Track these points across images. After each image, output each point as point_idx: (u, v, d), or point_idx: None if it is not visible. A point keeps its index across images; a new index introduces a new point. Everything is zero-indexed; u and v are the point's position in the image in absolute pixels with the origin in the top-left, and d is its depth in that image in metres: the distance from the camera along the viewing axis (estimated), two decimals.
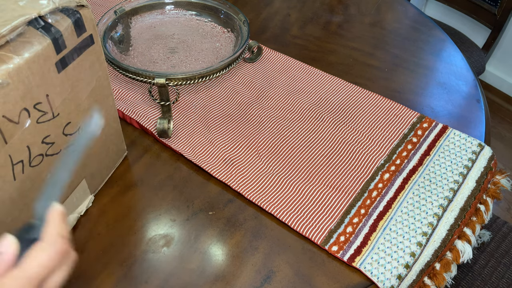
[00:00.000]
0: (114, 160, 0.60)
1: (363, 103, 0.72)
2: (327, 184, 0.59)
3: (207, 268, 0.51)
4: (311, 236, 0.54)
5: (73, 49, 0.44)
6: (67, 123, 0.46)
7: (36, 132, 0.42)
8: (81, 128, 0.48)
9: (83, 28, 0.44)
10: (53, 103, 0.43)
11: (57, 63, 0.42)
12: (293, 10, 0.95)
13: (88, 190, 0.55)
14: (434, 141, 0.65)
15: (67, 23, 0.42)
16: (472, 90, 0.76)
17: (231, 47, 0.76)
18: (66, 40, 0.42)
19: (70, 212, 0.53)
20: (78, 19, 0.43)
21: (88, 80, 0.48)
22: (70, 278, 0.49)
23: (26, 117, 0.40)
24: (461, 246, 0.56)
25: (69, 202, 0.51)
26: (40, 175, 0.45)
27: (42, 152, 0.44)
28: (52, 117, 0.43)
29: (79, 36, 0.44)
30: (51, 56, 0.41)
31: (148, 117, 0.67)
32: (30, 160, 0.42)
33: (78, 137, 0.41)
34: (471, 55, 1.34)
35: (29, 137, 0.41)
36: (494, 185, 0.62)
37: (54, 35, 0.40)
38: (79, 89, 0.47)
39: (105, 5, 0.92)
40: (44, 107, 0.42)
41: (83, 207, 0.55)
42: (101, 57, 0.49)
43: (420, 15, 0.95)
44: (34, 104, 0.40)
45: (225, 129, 0.67)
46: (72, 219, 0.53)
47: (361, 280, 0.50)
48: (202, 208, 0.57)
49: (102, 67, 0.50)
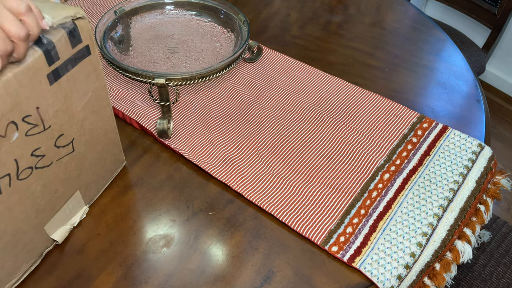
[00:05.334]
0: (112, 170, 0.59)
1: (363, 103, 0.72)
2: (327, 184, 0.59)
3: (207, 268, 0.51)
4: (311, 236, 0.54)
5: (67, 60, 0.42)
6: (60, 135, 0.45)
7: (24, 145, 0.41)
8: (75, 139, 0.48)
9: (78, 39, 0.43)
10: (44, 115, 0.42)
11: (49, 74, 0.41)
12: (293, 10, 0.95)
13: (82, 201, 0.54)
14: (434, 141, 0.65)
15: (60, 34, 0.40)
16: (472, 90, 0.76)
17: (231, 47, 0.76)
18: (60, 52, 0.41)
19: (62, 223, 0.52)
20: (73, 29, 0.42)
21: (83, 91, 0.46)
22: (70, 278, 0.50)
23: (14, 130, 0.39)
24: (461, 246, 0.56)
25: (61, 214, 0.51)
26: (29, 188, 0.44)
27: (32, 165, 0.43)
28: (43, 129, 0.42)
29: (74, 47, 0.43)
30: (43, 68, 0.40)
31: (148, 117, 0.67)
32: (18, 173, 0.41)
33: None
34: (471, 55, 1.34)
35: (17, 150, 0.40)
36: (494, 185, 0.62)
37: (46, 47, 0.39)
38: (73, 101, 0.45)
39: (105, 5, 0.92)
40: (33, 120, 0.41)
41: (76, 219, 0.54)
42: (98, 68, 0.47)
43: (420, 15, 0.95)
44: (23, 117, 0.39)
45: (225, 129, 0.67)
46: (64, 231, 0.52)
47: (361, 281, 0.50)
48: (202, 208, 0.57)
49: (99, 78, 0.48)
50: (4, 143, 0.38)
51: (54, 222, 0.50)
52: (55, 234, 0.51)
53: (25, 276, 0.49)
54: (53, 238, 0.51)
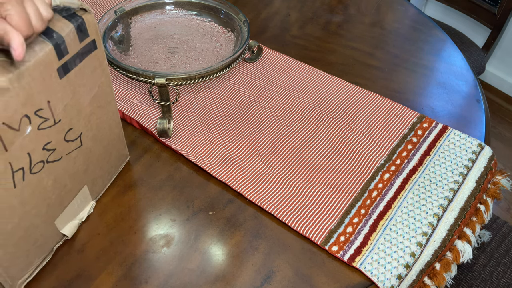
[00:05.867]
0: (116, 165, 0.59)
1: (363, 103, 0.72)
2: (327, 184, 0.59)
3: (207, 268, 0.51)
4: (311, 236, 0.54)
5: (75, 55, 0.43)
6: (69, 129, 0.46)
7: (37, 139, 0.41)
8: (82, 134, 0.48)
9: (85, 33, 0.43)
10: (54, 109, 0.42)
11: (59, 68, 0.41)
12: (293, 10, 0.95)
13: (89, 196, 0.55)
14: (434, 141, 0.65)
15: (69, 28, 0.41)
16: (472, 90, 0.76)
17: (231, 47, 0.76)
18: (69, 46, 0.42)
19: (71, 218, 0.53)
20: (80, 24, 0.42)
21: (90, 85, 0.47)
22: (70, 277, 0.50)
23: (27, 123, 0.39)
24: (461, 246, 0.56)
25: (70, 209, 0.51)
26: (41, 182, 0.44)
27: (43, 159, 0.43)
28: (53, 123, 0.43)
29: (82, 41, 0.43)
30: (53, 62, 0.40)
31: (148, 117, 0.67)
32: (31, 167, 0.42)
33: None
34: (471, 55, 1.34)
35: (30, 144, 0.41)
36: (494, 185, 0.62)
37: (56, 41, 0.40)
38: (81, 95, 0.46)
39: (105, 5, 0.92)
40: (45, 114, 0.41)
41: (84, 213, 0.54)
42: (104, 63, 0.48)
43: (420, 15, 0.95)
44: (35, 111, 0.40)
45: (225, 129, 0.67)
46: (73, 226, 0.53)
47: (361, 280, 0.50)
48: (202, 208, 0.57)
49: (105, 73, 0.49)
50: (18, 137, 0.39)
51: (63, 217, 0.51)
52: (65, 229, 0.52)
53: (37, 272, 0.50)
54: (63, 233, 0.52)
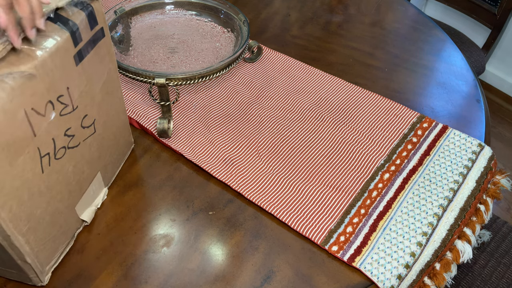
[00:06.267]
0: (124, 152, 0.61)
1: (363, 103, 0.72)
2: (327, 184, 0.59)
3: (207, 268, 0.51)
4: (311, 236, 0.54)
5: (87, 42, 0.44)
6: (84, 116, 0.47)
7: (59, 125, 0.42)
8: (96, 120, 0.49)
9: (95, 21, 0.45)
10: (72, 96, 0.44)
11: (75, 56, 0.43)
12: (293, 10, 0.95)
13: (102, 182, 0.56)
14: (434, 141, 0.65)
15: (81, 16, 0.42)
16: (472, 90, 0.76)
17: (231, 47, 0.76)
18: (82, 33, 0.43)
19: (88, 204, 0.54)
20: (91, 12, 0.44)
21: (100, 73, 0.48)
22: (70, 277, 0.50)
23: (51, 109, 0.41)
24: (461, 246, 0.56)
25: (87, 195, 0.52)
26: (63, 168, 0.45)
27: (65, 145, 0.44)
28: (72, 109, 0.44)
29: (92, 29, 0.45)
30: (70, 49, 0.41)
31: (148, 117, 0.67)
32: (55, 152, 0.43)
33: None
34: (471, 55, 1.34)
35: (54, 129, 0.42)
36: (494, 185, 0.62)
37: (71, 28, 0.41)
38: (94, 82, 0.47)
39: (105, 5, 0.92)
40: (65, 100, 0.42)
41: (99, 200, 0.56)
42: (111, 50, 0.49)
43: (420, 15, 0.95)
44: (57, 97, 0.41)
45: (225, 129, 0.67)
46: (90, 212, 0.54)
47: (361, 280, 0.50)
48: (202, 208, 0.57)
49: (112, 60, 0.51)
50: (43, 122, 0.40)
51: (82, 203, 0.52)
52: (84, 215, 0.53)
53: (62, 258, 0.50)
54: (82, 219, 0.52)
